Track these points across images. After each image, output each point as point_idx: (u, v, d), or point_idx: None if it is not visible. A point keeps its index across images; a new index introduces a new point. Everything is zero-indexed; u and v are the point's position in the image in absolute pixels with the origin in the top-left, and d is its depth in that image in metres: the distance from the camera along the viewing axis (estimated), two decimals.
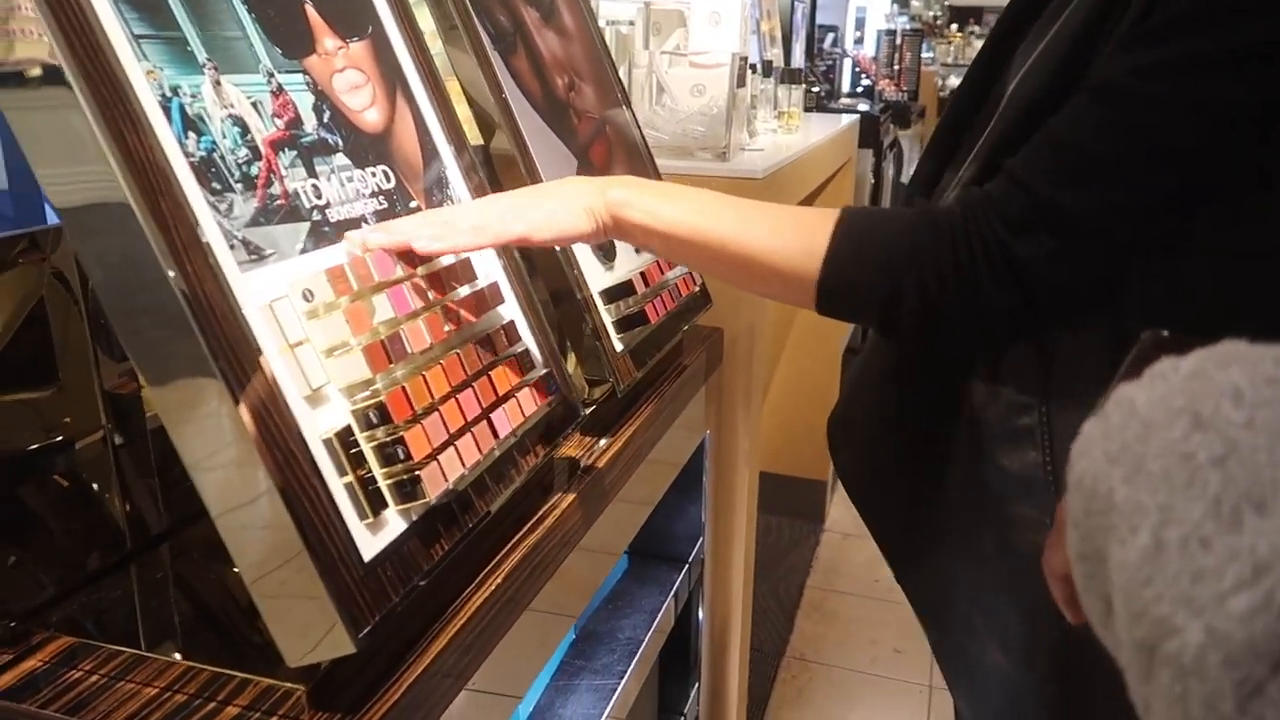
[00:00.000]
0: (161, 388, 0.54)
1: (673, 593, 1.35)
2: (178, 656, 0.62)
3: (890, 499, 0.84)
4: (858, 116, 2.64)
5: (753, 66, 2.22)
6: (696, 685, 1.49)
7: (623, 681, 1.16)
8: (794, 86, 1.99)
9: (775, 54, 2.54)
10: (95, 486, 0.73)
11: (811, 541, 2.66)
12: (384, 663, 0.62)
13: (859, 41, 5.56)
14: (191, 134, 0.57)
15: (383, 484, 0.61)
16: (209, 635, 0.67)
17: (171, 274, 0.52)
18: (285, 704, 0.58)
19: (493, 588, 0.71)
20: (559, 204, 0.71)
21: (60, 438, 0.73)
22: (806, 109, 2.92)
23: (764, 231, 0.68)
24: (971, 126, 0.76)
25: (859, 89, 5.00)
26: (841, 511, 2.77)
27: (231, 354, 0.54)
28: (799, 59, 3.70)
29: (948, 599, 0.80)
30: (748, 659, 1.69)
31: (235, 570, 0.58)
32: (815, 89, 3.59)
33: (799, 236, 0.68)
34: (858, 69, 5.08)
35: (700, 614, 1.47)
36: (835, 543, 2.64)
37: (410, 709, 0.61)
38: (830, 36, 5.01)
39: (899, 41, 5.27)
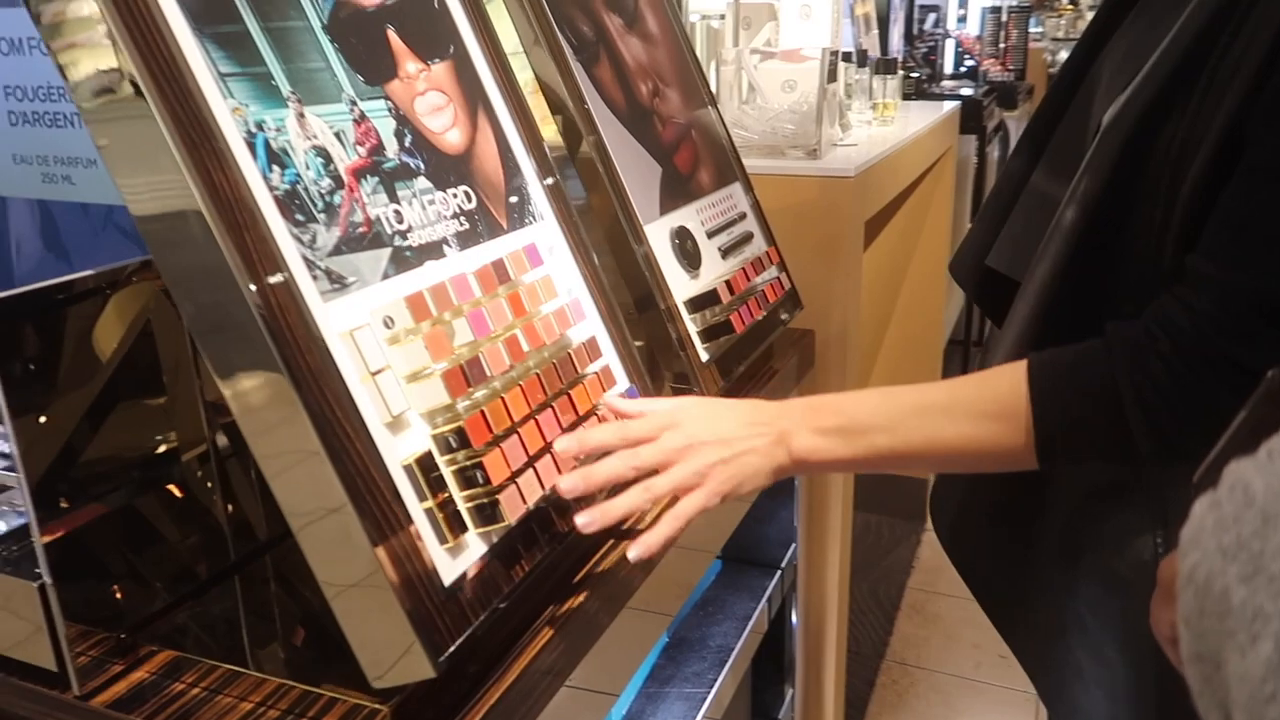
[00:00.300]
0: (247, 415, 0.55)
1: (764, 599, 1.33)
2: (272, 672, 0.64)
3: (988, 555, 0.81)
4: (959, 103, 2.55)
5: (846, 56, 2.17)
6: (791, 692, 1.47)
7: (713, 690, 1.16)
8: (889, 76, 1.94)
9: (871, 42, 2.48)
10: (199, 499, 0.77)
11: (913, 541, 2.60)
12: (469, 681, 0.63)
13: (962, 20, 5.39)
14: (276, 167, 0.59)
15: (462, 508, 0.62)
16: (303, 651, 0.69)
17: (255, 307, 0.53)
18: None
19: (576, 604, 0.71)
20: (761, 462, 0.69)
21: (167, 450, 0.77)
22: (906, 96, 2.84)
23: (959, 426, 0.65)
24: (1063, 119, 0.72)
25: (962, 70, 4.84)
26: None
27: (313, 383, 0.55)
28: (896, 43, 3.60)
29: (1051, 650, 0.77)
30: (844, 664, 1.66)
31: None
32: (914, 74, 3.49)
33: (997, 416, 0.64)
34: (961, 49, 4.92)
35: (794, 619, 1.45)
36: (937, 543, 2.57)
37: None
38: (932, 17, 4.86)
39: (1005, 18, 5.07)
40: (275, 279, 0.55)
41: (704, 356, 1.00)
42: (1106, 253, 0.66)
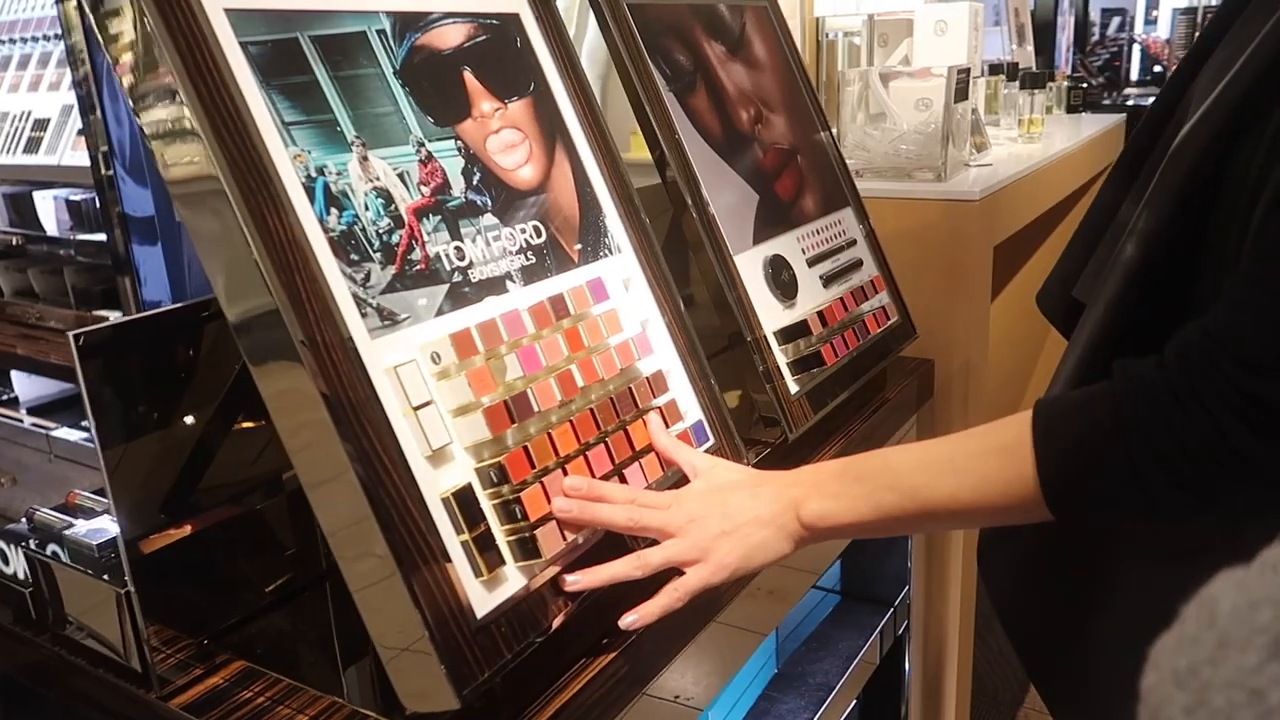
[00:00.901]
0: (291, 442, 0.58)
1: (872, 638, 1.29)
2: (329, 689, 0.67)
3: (1043, 611, 0.75)
4: (1123, 116, 2.39)
5: (996, 69, 2.08)
6: None
7: None
8: (1035, 91, 1.84)
9: (1024, 53, 2.36)
10: (282, 520, 0.81)
11: None
12: (510, 711, 0.64)
13: (1152, 23, 5.05)
14: (333, 210, 0.62)
15: (501, 542, 0.63)
16: (361, 672, 0.72)
17: (299, 343, 0.56)
18: None
19: (628, 643, 0.71)
20: (770, 534, 0.68)
21: (260, 472, 0.82)
22: (1072, 109, 2.69)
23: (966, 479, 0.62)
24: (1155, 148, 0.67)
25: (1149, 77, 4.54)
26: None
27: (353, 417, 0.57)
28: (1064, 51, 3.41)
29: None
30: (967, 710, 1.57)
31: None
32: (1083, 85, 3.30)
33: (1002, 466, 0.60)
34: (1148, 54, 4.61)
35: (908, 660, 1.39)
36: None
37: None
38: (1116, 20, 4.59)
39: (1200, 19, 4.72)
40: (323, 316, 0.58)
41: (793, 389, 0.98)
42: (1164, 290, 0.61)
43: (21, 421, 2.96)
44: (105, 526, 0.73)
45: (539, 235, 0.76)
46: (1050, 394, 0.65)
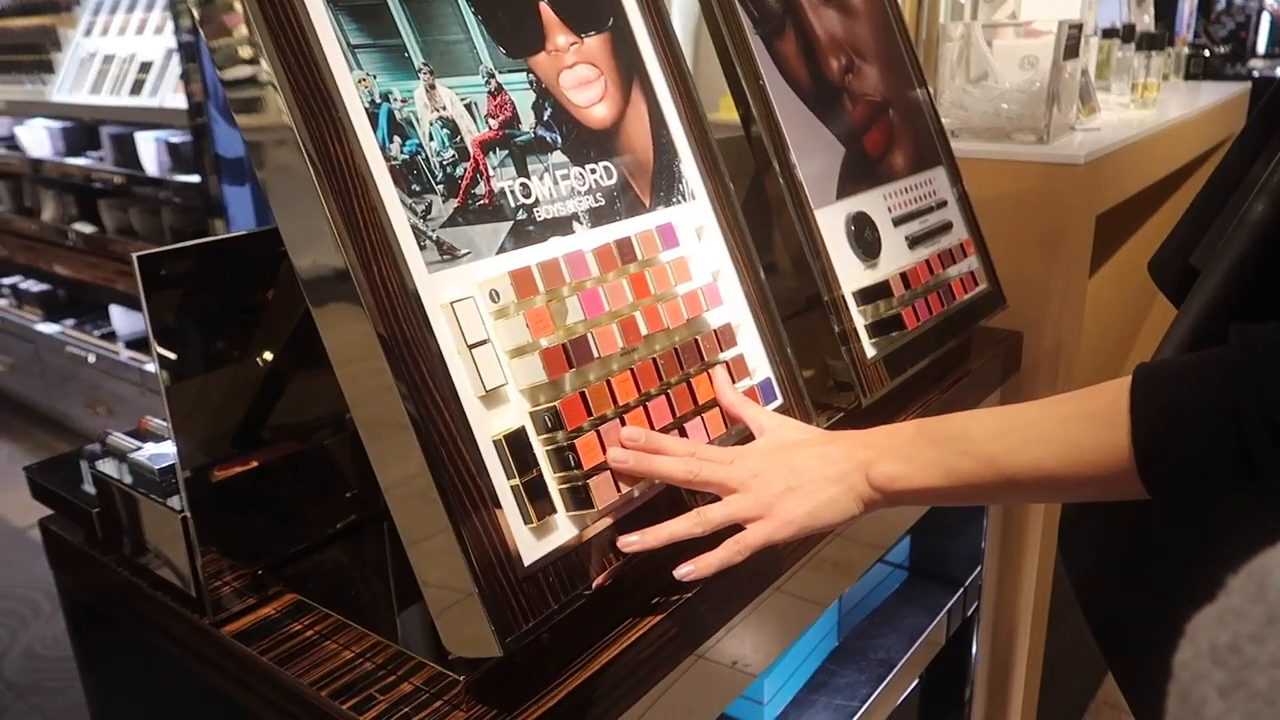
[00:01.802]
0: (345, 377, 0.57)
1: (939, 617, 1.24)
2: (376, 628, 0.67)
3: (1122, 594, 0.70)
4: (1249, 85, 2.23)
5: (1111, 31, 1.96)
6: None
7: (865, 705, 1.09)
8: (1153, 53, 1.72)
9: (1144, 15, 2.22)
10: (343, 457, 0.81)
11: None
12: (554, 664, 0.62)
13: None
14: (396, 138, 0.60)
15: (554, 489, 0.61)
16: (410, 612, 0.71)
17: (354, 272, 0.54)
18: (451, 690, 0.60)
19: (683, 600, 0.69)
20: (838, 492, 0.64)
21: (324, 408, 0.82)
22: (1190, 76, 2.53)
23: (1053, 447, 0.57)
24: None
25: (1278, 49, 4.28)
26: None
27: (406, 352, 0.56)
28: (1186, 17, 3.22)
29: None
30: (1035, 697, 1.52)
31: None
32: (1206, 53, 3.11)
33: (1095, 433, 0.55)
34: (1278, 25, 4.34)
35: (975, 642, 1.34)
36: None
37: (571, 716, 0.61)
38: None
39: None
40: (380, 246, 0.56)
41: (870, 352, 0.94)
42: None
43: (119, 355, 3.08)
44: (169, 452, 0.74)
45: (609, 177, 0.73)
46: (1160, 354, 0.60)
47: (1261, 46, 4.26)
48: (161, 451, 0.75)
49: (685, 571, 0.63)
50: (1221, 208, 0.65)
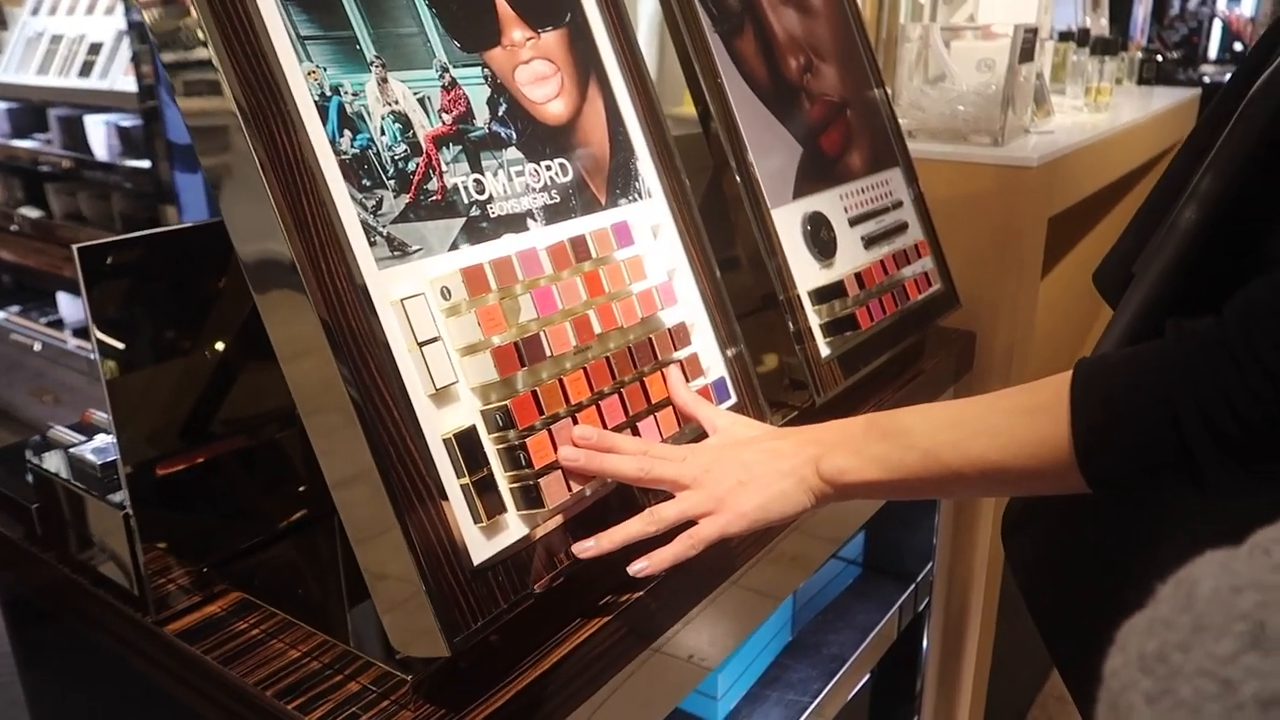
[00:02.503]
0: (291, 372, 0.56)
1: (891, 612, 1.26)
2: (323, 627, 0.66)
3: (1066, 592, 0.71)
4: (1198, 91, 2.28)
5: (1066, 35, 1.99)
6: (917, 715, 1.39)
7: (816, 700, 1.10)
8: (1107, 58, 1.75)
9: (1099, 21, 2.25)
10: (290, 454, 0.80)
11: None
12: (502, 664, 0.62)
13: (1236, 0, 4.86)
14: (347, 132, 0.59)
15: (504, 488, 0.60)
16: (358, 611, 0.71)
17: (300, 268, 0.54)
18: (399, 690, 0.60)
19: (634, 599, 0.69)
20: (790, 485, 0.64)
21: (271, 404, 0.80)
22: (1144, 80, 2.57)
23: (997, 440, 0.57)
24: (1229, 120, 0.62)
25: (1228, 55, 4.37)
26: None
27: (355, 348, 0.55)
28: (1140, 22, 3.28)
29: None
30: (984, 691, 1.54)
31: None
32: (1159, 58, 3.17)
33: (1037, 425, 0.56)
34: (1230, 31, 4.44)
35: (925, 637, 1.36)
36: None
37: (520, 714, 0.60)
38: None
39: None
40: (329, 242, 0.55)
41: (824, 352, 0.94)
42: (1229, 261, 0.56)
43: (65, 343, 3.00)
44: (113, 446, 0.72)
45: (565, 173, 0.72)
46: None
47: (1213, 53, 4.36)
48: (104, 446, 0.73)
49: (639, 568, 0.63)
50: (1164, 217, 0.67)
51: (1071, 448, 0.54)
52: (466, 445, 0.59)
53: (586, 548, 0.62)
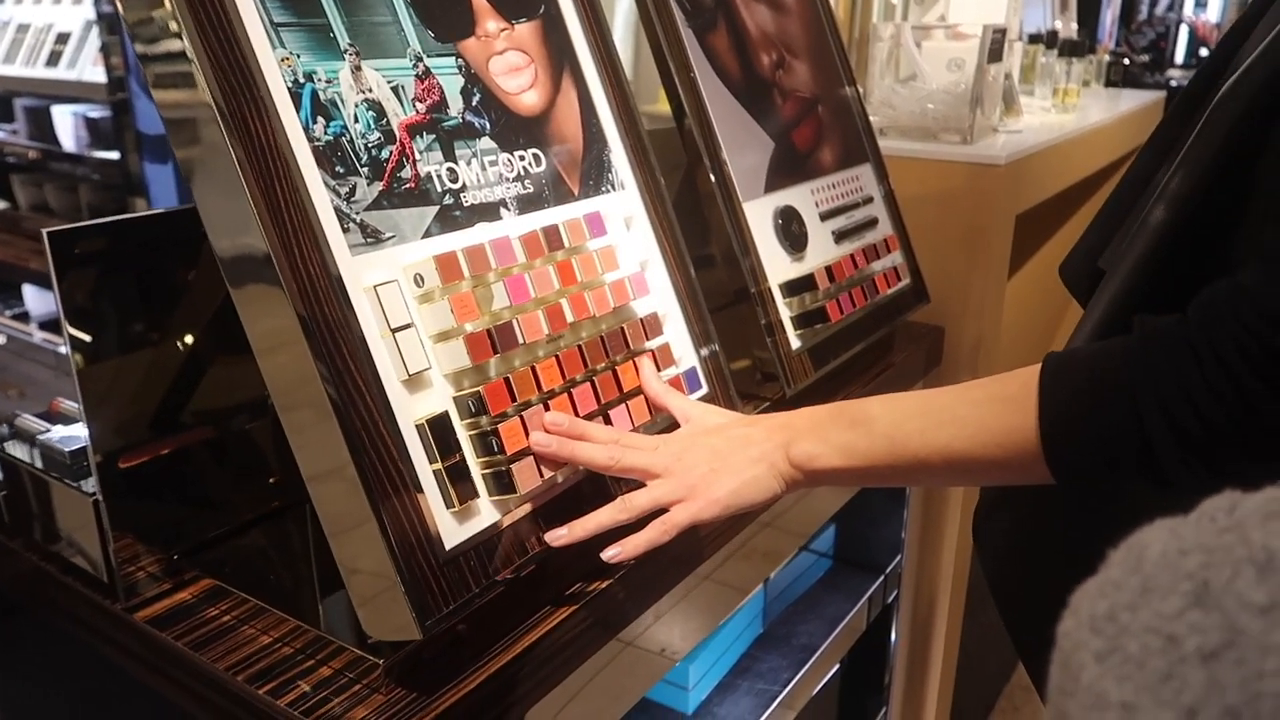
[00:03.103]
0: (264, 360, 0.57)
1: (860, 603, 1.27)
2: (296, 614, 0.66)
3: (1033, 585, 0.72)
4: (1163, 94, 2.32)
5: (1036, 37, 2.01)
6: (886, 704, 1.40)
7: (786, 689, 1.12)
8: (1074, 60, 1.78)
9: (1067, 23, 2.29)
10: (263, 441, 0.80)
11: None
12: (473, 648, 0.62)
13: (1202, 4, 4.95)
14: (320, 119, 0.59)
15: (477, 474, 0.61)
16: (330, 597, 0.71)
17: (274, 254, 0.54)
18: (372, 674, 0.60)
19: (604, 586, 0.70)
20: (761, 471, 0.64)
21: (246, 391, 0.80)
22: (1111, 83, 2.61)
23: (964, 429, 0.58)
24: (1192, 120, 0.63)
25: (1194, 60, 4.45)
26: None
27: (328, 333, 0.55)
28: (1108, 26, 3.33)
29: None
30: (952, 681, 1.57)
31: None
32: (1126, 61, 3.22)
33: (1004, 416, 0.56)
34: (1196, 37, 4.52)
35: (894, 628, 1.38)
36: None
37: (488, 701, 0.61)
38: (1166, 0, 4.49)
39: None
40: (302, 228, 0.56)
41: (795, 344, 0.95)
42: (1190, 256, 0.57)
43: (31, 336, 2.96)
44: (80, 434, 0.72)
45: (538, 164, 0.73)
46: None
47: (1180, 57, 4.43)
48: (73, 434, 0.73)
49: (612, 554, 0.63)
50: (1127, 214, 0.68)
51: (1038, 438, 0.55)
52: (439, 431, 0.59)
53: (559, 536, 0.63)
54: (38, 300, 3.01)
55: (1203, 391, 0.49)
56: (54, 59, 2.72)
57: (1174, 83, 3.69)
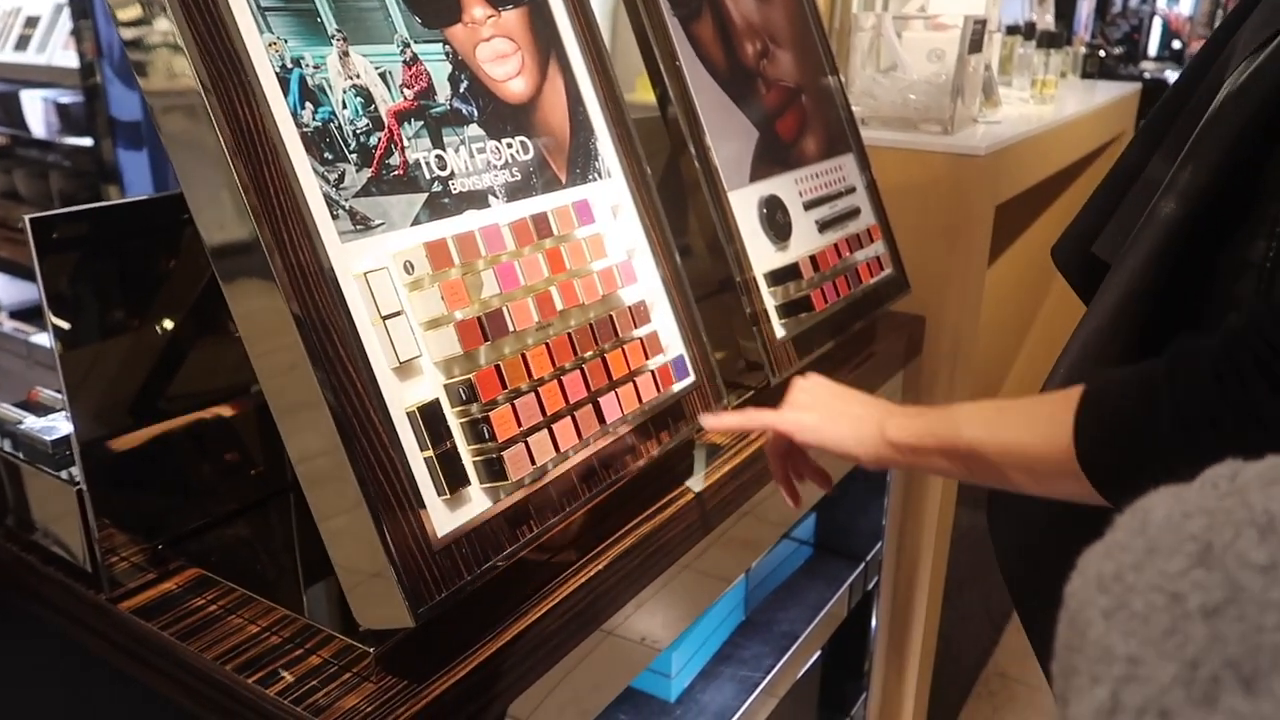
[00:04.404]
0: (253, 347, 0.56)
1: (841, 591, 1.28)
2: (284, 602, 0.66)
3: (1046, 573, 0.73)
4: (1138, 86, 2.34)
5: (1014, 29, 2.03)
6: (866, 690, 1.42)
7: (769, 676, 1.12)
8: (1051, 51, 1.79)
9: (1044, 14, 2.30)
10: (248, 431, 0.79)
11: None
12: (465, 635, 0.62)
13: None
14: (308, 104, 0.59)
15: (468, 461, 0.61)
16: (319, 586, 0.71)
17: (263, 241, 0.53)
18: (361, 663, 0.60)
19: (595, 572, 0.70)
20: (846, 425, 0.70)
21: (230, 380, 0.80)
22: (1087, 75, 2.64)
23: (1017, 428, 0.60)
24: (1186, 109, 0.64)
25: (1167, 53, 4.50)
26: None
27: (318, 321, 0.55)
28: (1084, 18, 3.35)
29: None
30: (930, 667, 1.58)
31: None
32: (1101, 53, 3.25)
33: (1046, 420, 0.57)
34: (1169, 29, 4.57)
35: (874, 615, 1.39)
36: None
37: (477, 689, 0.61)
38: None
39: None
40: (291, 214, 0.55)
41: (780, 333, 0.96)
42: (1209, 256, 0.58)
43: (1, 325, 2.92)
44: (62, 424, 0.71)
45: (526, 151, 0.73)
46: (1073, 344, 0.62)
47: (1153, 49, 4.48)
48: (53, 423, 0.72)
49: (708, 422, 0.77)
50: (1120, 200, 0.69)
51: (1074, 455, 0.55)
52: (430, 419, 0.59)
53: (705, 420, 0.78)
54: (8, 289, 2.97)
55: (1222, 407, 0.49)
56: (23, 43, 2.68)
57: (1148, 75, 3.73)
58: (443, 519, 0.59)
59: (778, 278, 0.96)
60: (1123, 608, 0.21)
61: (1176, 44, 4.41)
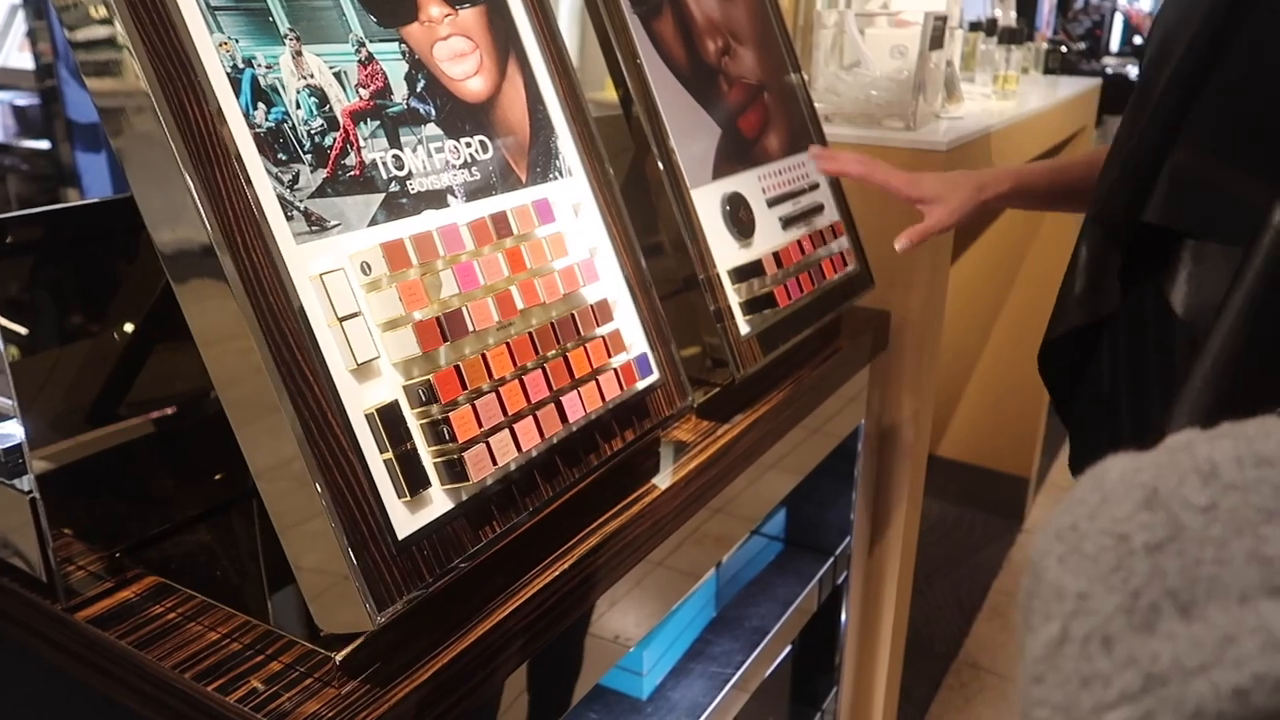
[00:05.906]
0: (207, 347, 0.55)
1: (811, 585, 1.29)
2: (244, 609, 0.65)
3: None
4: (1099, 81, 2.37)
5: (976, 25, 2.05)
6: (837, 684, 1.43)
7: (739, 672, 1.13)
8: (1013, 47, 1.81)
9: (1008, 12, 2.33)
10: (208, 435, 0.78)
11: (1006, 541, 2.48)
12: (428, 639, 0.62)
13: None
14: (261, 105, 0.58)
15: (428, 463, 0.60)
16: (284, 594, 0.70)
17: (216, 243, 0.53)
18: (323, 668, 0.60)
19: (558, 572, 0.70)
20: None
21: (186, 386, 0.79)
22: (1049, 71, 2.67)
23: None
24: (1208, 86, 0.63)
25: (1128, 48, 4.56)
26: (1045, 513, 2.56)
27: (274, 323, 0.54)
28: (1045, 14, 3.39)
29: None
30: (900, 659, 1.60)
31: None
32: (1063, 49, 3.28)
33: None
34: (1130, 25, 4.64)
35: (844, 610, 1.40)
36: (1030, 545, 2.45)
37: (442, 691, 0.61)
38: None
39: None
40: (244, 215, 0.55)
41: (744, 330, 0.96)
42: None
43: None
44: (13, 430, 0.70)
45: (485, 151, 0.73)
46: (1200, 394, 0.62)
47: (1115, 45, 4.54)
48: (6, 431, 0.71)
49: (814, 152, 1.00)
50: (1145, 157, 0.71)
51: None
52: (389, 420, 0.59)
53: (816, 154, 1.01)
54: None
55: None
56: None
57: (1109, 70, 3.78)
58: (403, 521, 0.59)
59: (741, 274, 0.97)
60: (1075, 552, 0.23)
61: (1138, 39, 4.47)
